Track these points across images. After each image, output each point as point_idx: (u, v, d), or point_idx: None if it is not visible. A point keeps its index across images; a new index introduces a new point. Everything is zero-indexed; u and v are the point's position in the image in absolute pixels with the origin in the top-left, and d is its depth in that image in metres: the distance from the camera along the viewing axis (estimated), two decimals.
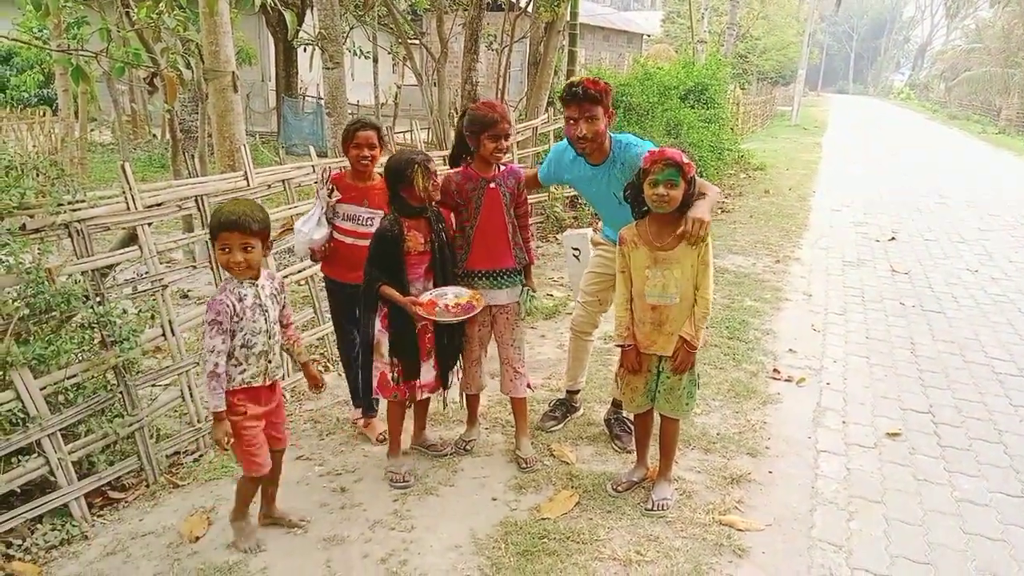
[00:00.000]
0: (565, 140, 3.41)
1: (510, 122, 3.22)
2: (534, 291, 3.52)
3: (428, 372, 3.28)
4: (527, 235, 3.48)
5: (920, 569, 2.84)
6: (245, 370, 2.67)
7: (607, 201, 3.43)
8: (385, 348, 3.22)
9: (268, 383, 2.77)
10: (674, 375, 3.02)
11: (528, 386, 3.55)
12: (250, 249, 2.58)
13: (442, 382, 3.35)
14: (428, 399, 3.49)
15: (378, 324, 3.21)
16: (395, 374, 3.22)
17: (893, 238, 8.83)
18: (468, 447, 3.65)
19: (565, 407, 3.97)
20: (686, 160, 2.78)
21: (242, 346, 2.64)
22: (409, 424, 3.58)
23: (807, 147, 19.99)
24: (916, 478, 3.49)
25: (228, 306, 2.59)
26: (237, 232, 2.53)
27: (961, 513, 3.22)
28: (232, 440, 2.66)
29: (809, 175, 13.97)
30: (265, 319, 2.69)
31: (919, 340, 5.38)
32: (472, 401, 3.70)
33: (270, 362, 2.75)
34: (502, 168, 3.36)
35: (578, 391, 4.00)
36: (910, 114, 41.14)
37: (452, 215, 3.34)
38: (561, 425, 3.89)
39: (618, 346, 3.13)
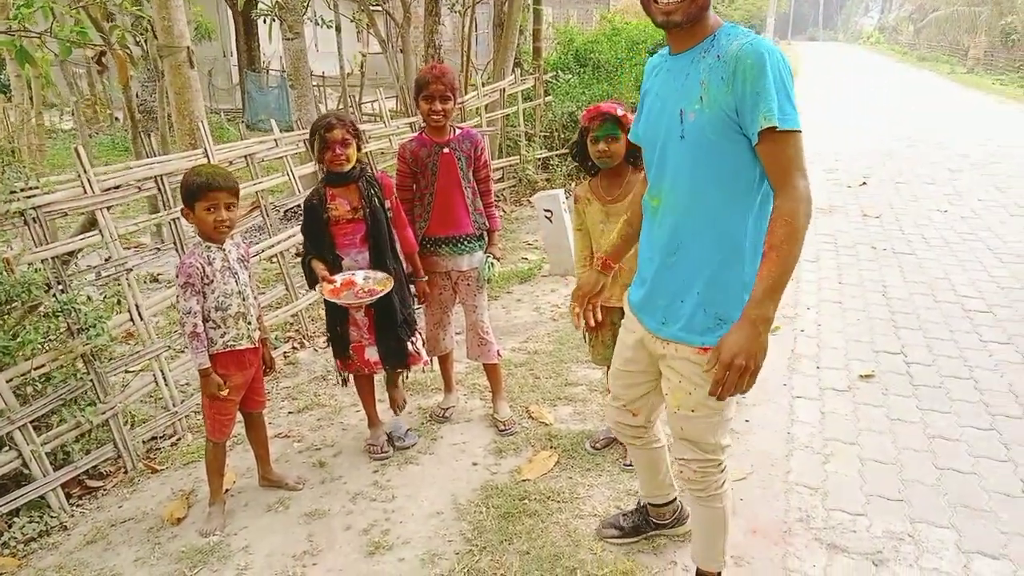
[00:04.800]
0: None
1: (448, 84, 3.12)
2: (496, 258, 3.50)
3: (374, 350, 3.17)
4: (489, 200, 3.44)
5: (894, 506, 2.90)
6: (226, 332, 2.74)
7: (662, 140, 1.99)
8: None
9: (252, 345, 2.84)
10: None
11: (498, 353, 3.53)
12: (232, 208, 2.67)
13: (383, 360, 3.18)
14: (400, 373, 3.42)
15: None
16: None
17: (864, 183, 8.88)
18: (447, 415, 3.65)
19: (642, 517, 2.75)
20: (622, 112, 2.80)
21: (216, 308, 2.71)
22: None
23: None
24: (889, 418, 3.55)
25: (198, 268, 2.65)
26: (225, 191, 2.63)
27: (933, 449, 3.28)
28: (220, 392, 2.73)
29: None
30: (236, 281, 2.76)
31: (891, 283, 5.44)
32: (446, 368, 3.70)
33: (249, 324, 2.81)
34: (457, 132, 3.31)
35: (664, 504, 2.71)
36: (880, 59, 41.03)
37: (386, 180, 3.18)
38: (628, 539, 2.73)
39: None
